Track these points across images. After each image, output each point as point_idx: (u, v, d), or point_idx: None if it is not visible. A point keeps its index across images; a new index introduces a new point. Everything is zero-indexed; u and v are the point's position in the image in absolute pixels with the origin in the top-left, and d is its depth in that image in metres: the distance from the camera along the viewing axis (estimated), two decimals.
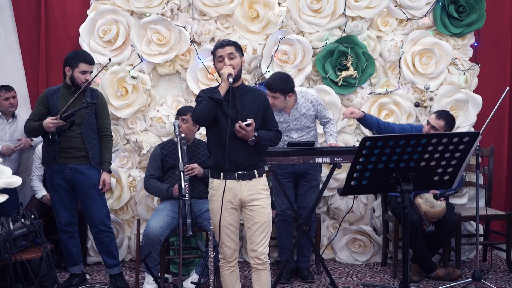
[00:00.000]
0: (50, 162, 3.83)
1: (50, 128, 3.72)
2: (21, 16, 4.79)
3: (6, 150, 4.43)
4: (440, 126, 4.07)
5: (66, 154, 3.83)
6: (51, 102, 3.85)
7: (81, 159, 3.86)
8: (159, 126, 4.64)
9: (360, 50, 4.59)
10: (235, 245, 3.17)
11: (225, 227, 3.11)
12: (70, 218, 3.94)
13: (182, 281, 3.68)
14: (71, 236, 3.96)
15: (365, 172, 2.40)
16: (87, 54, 3.95)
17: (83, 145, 3.85)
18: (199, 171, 3.97)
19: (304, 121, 4.08)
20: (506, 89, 4.18)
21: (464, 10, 4.64)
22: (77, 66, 3.82)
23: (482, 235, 4.60)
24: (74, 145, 3.83)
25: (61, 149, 3.82)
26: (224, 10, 4.61)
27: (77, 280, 4.01)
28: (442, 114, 4.13)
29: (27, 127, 3.88)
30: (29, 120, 3.88)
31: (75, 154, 3.84)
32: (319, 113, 4.13)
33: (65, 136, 3.81)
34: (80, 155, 3.85)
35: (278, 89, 3.87)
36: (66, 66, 3.86)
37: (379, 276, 4.32)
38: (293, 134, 4.09)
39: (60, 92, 3.88)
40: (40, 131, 3.80)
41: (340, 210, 4.69)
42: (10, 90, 4.53)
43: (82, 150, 3.85)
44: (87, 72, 3.84)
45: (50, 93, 3.89)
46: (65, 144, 3.82)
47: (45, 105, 3.87)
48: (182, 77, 4.71)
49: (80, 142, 3.84)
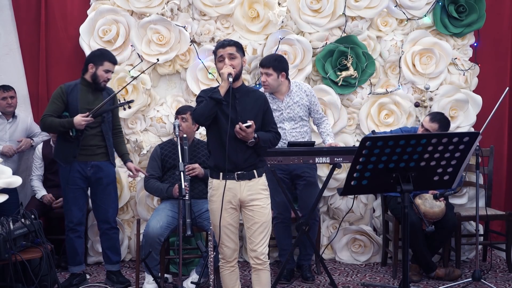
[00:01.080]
0: (69, 159, 3.85)
1: (82, 125, 3.75)
2: (21, 16, 4.79)
3: (8, 151, 4.43)
4: (433, 130, 4.03)
5: (87, 152, 3.88)
6: (70, 98, 3.85)
7: (102, 155, 3.94)
8: (159, 126, 4.64)
9: (360, 50, 4.60)
10: (235, 245, 3.17)
11: (224, 227, 3.11)
12: (82, 218, 4.00)
13: (182, 281, 3.68)
14: (79, 236, 4.00)
15: (365, 172, 2.40)
16: (112, 54, 4.01)
17: (103, 142, 3.93)
18: (200, 171, 3.98)
19: (297, 110, 4.07)
20: (506, 89, 4.18)
21: (464, 10, 4.64)
22: (102, 64, 3.87)
23: (482, 235, 4.60)
24: (95, 143, 3.90)
25: (82, 146, 3.85)
26: (224, 10, 4.62)
27: (77, 280, 4.02)
28: (436, 117, 4.09)
29: (48, 122, 3.80)
30: (47, 116, 3.81)
31: (96, 151, 3.91)
32: (312, 106, 4.13)
33: (87, 134, 3.85)
34: (101, 152, 3.93)
35: (270, 64, 3.94)
36: (89, 63, 3.89)
37: (379, 276, 4.32)
38: (286, 125, 4.05)
39: (78, 88, 3.89)
40: (67, 128, 3.78)
41: (340, 210, 4.69)
42: (8, 90, 4.52)
43: (102, 147, 3.93)
44: (110, 71, 3.92)
45: (69, 89, 3.88)
46: (86, 142, 3.86)
47: (64, 101, 3.86)
48: (182, 77, 4.71)
49: (100, 140, 3.92)
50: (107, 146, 3.95)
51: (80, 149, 3.84)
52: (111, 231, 4.04)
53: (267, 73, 3.95)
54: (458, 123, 4.65)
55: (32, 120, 4.75)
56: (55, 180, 4.50)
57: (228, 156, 2.99)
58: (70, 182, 3.87)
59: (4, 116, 4.55)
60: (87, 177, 3.91)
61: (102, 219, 4.03)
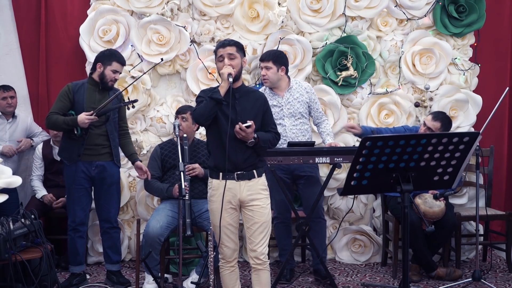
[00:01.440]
0: (74, 158, 3.85)
1: (86, 124, 3.73)
2: (21, 16, 4.79)
3: (9, 151, 4.43)
4: (436, 128, 4.03)
5: (91, 151, 3.87)
6: (77, 97, 3.85)
7: (106, 155, 3.93)
8: (159, 126, 4.64)
9: (360, 50, 4.60)
10: (235, 245, 3.17)
11: (224, 227, 3.11)
12: (84, 218, 3.99)
13: (182, 281, 3.68)
14: (81, 236, 3.99)
15: (365, 172, 2.41)
16: (121, 55, 4.01)
17: (108, 142, 3.92)
18: (200, 171, 3.98)
19: (297, 106, 4.06)
20: (506, 89, 4.18)
21: (464, 10, 4.64)
22: (110, 64, 3.87)
23: (482, 235, 4.60)
24: (100, 142, 3.89)
25: (87, 146, 3.84)
26: (224, 10, 4.62)
27: (77, 280, 4.02)
28: (438, 116, 4.10)
29: (53, 120, 3.80)
30: (53, 113, 3.82)
31: (100, 151, 3.90)
32: (312, 103, 4.13)
33: (91, 133, 3.84)
34: (105, 152, 3.92)
35: (270, 58, 3.98)
36: (98, 63, 3.89)
37: (379, 276, 4.32)
38: (286, 121, 4.04)
39: (85, 87, 3.89)
40: (71, 126, 3.78)
41: (340, 210, 4.69)
42: (8, 90, 4.52)
43: (107, 147, 3.92)
44: (117, 72, 3.91)
45: (76, 88, 3.88)
46: (91, 141, 3.85)
47: (70, 99, 3.86)
48: (182, 77, 4.71)
49: (104, 140, 3.91)
50: (112, 146, 3.94)
51: (84, 148, 3.84)
52: (112, 230, 4.05)
53: (267, 67, 3.98)
54: (458, 123, 4.65)
55: (32, 120, 4.75)
56: (55, 180, 4.50)
57: (228, 156, 2.99)
58: (76, 182, 3.88)
59: (4, 116, 4.55)
60: (91, 177, 3.91)
61: (104, 218, 4.03)
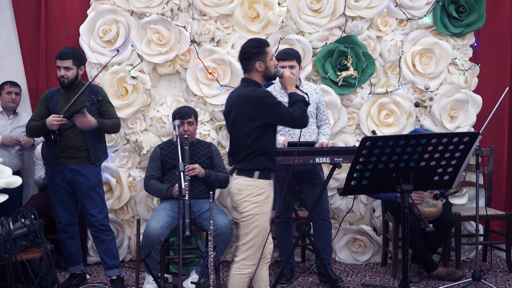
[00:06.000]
0: (52, 162, 3.84)
1: (54, 126, 3.70)
2: (21, 16, 4.78)
3: (10, 142, 4.42)
4: None
5: (66, 155, 3.82)
6: (51, 103, 3.85)
7: (82, 159, 3.85)
8: (159, 126, 4.64)
9: (360, 50, 4.59)
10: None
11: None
12: (70, 218, 3.94)
13: (182, 281, 3.68)
14: (71, 236, 3.95)
15: (365, 172, 2.41)
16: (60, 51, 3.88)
17: (84, 144, 3.83)
18: (200, 171, 3.97)
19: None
20: (506, 89, 4.18)
21: (464, 10, 4.64)
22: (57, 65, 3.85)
23: (482, 235, 4.60)
24: (75, 145, 3.82)
25: (62, 149, 3.81)
26: (224, 10, 4.61)
27: (77, 280, 4.01)
28: None
29: (29, 127, 3.86)
30: (31, 120, 3.87)
31: (75, 155, 3.83)
32: (320, 105, 4.14)
33: (66, 136, 3.80)
34: (81, 155, 3.84)
35: (294, 57, 4.02)
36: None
37: (379, 276, 4.32)
38: None
39: (60, 92, 3.88)
40: (42, 130, 3.78)
41: (340, 210, 4.69)
42: (14, 86, 4.57)
43: (83, 149, 3.84)
44: (61, 67, 3.79)
45: (50, 94, 3.89)
46: (65, 144, 3.81)
47: (46, 106, 3.87)
48: (182, 77, 4.70)
49: (81, 142, 3.83)
50: (88, 146, 3.84)
51: (60, 151, 3.80)
52: (101, 234, 3.90)
53: (292, 66, 3.98)
54: (458, 123, 4.65)
55: None
56: None
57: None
58: (54, 183, 3.86)
59: (5, 112, 4.56)
60: (66, 180, 3.85)
61: (88, 223, 3.96)
